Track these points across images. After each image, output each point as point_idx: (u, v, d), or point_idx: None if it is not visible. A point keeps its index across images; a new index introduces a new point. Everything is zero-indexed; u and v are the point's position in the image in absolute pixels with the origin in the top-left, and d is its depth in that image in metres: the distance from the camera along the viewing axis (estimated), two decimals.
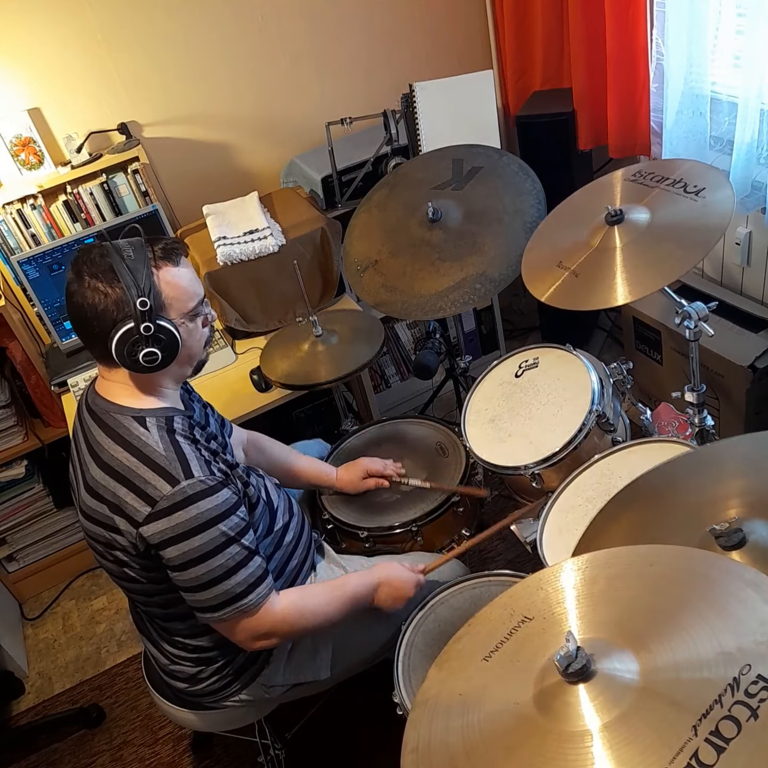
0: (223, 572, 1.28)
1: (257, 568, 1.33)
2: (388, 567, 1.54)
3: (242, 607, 1.31)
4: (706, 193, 1.52)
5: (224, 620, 1.33)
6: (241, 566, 1.30)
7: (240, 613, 1.32)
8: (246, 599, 1.31)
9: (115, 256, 1.26)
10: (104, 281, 1.25)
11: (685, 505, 1.11)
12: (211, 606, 1.31)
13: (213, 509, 1.27)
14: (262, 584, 1.34)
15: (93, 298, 1.25)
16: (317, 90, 2.78)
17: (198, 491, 1.26)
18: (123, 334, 1.26)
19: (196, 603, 1.32)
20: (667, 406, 1.90)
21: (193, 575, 1.28)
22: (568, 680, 0.81)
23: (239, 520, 1.32)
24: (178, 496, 1.24)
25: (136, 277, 1.25)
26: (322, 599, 1.44)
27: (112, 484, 1.28)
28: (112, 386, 1.36)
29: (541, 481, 1.59)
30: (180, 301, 1.32)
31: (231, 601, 1.31)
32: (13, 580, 2.77)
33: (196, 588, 1.29)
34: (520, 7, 2.67)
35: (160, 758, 2.15)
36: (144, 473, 1.26)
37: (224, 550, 1.28)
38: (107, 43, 2.43)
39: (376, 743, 1.99)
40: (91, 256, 1.27)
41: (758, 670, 0.73)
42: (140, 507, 1.25)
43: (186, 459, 1.28)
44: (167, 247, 1.32)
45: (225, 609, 1.31)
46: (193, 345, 1.39)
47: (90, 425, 1.35)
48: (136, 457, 1.27)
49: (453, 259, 1.90)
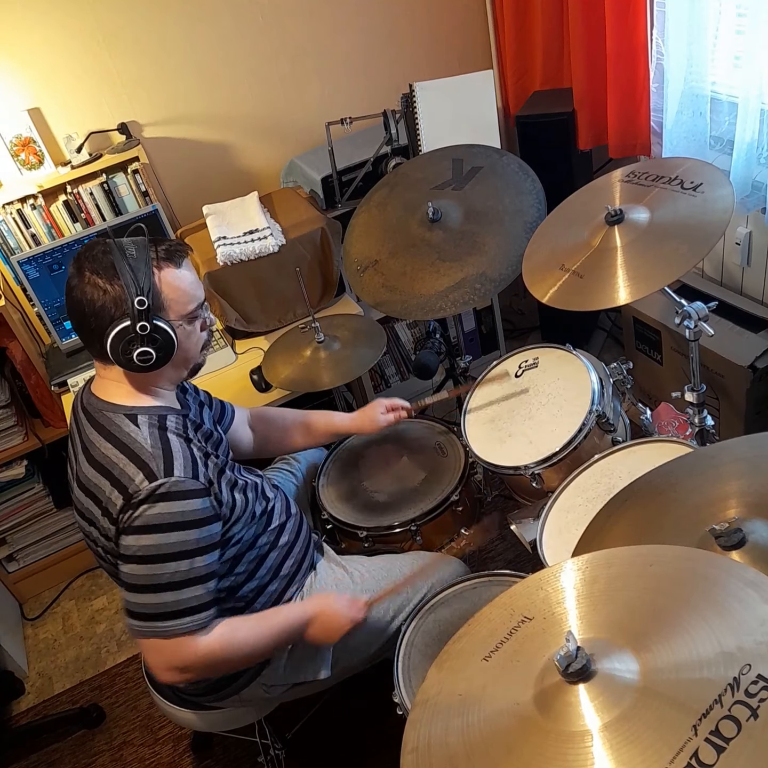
0: (158, 583, 1.24)
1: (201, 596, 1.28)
2: (324, 599, 1.48)
3: (159, 630, 1.25)
4: (704, 188, 1.51)
5: (137, 633, 1.28)
6: (185, 585, 1.25)
7: (160, 634, 1.26)
8: (168, 623, 1.25)
9: (117, 253, 1.26)
10: (104, 278, 1.25)
11: (685, 505, 1.11)
12: (134, 612, 1.27)
13: (181, 514, 1.25)
14: (194, 616, 1.27)
15: (92, 293, 1.25)
16: (317, 90, 2.78)
17: (174, 491, 1.24)
18: (119, 332, 1.26)
19: (126, 602, 1.28)
20: (667, 406, 1.90)
21: (136, 573, 1.25)
22: (568, 680, 0.81)
23: (205, 536, 1.28)
24: (153, 491, 1.23)
25: (136, 276, 1.25)
26: (254, 632, 1.38)
27: (102, 481, 1.28)
28: (108, 384, 1.36)
29: (541, 481, 1.59)
30: (179, 303, 1.32)
31: (153, 617, 1.25)
32: (13, 580, 2.77)
33: (131, 586, 1.26)
34: (520, 7, 2.67)
35: (160, 758, 2.15)
36: (125, 466, 1.25)
37: (176, 560, 1.24)
38: (107, 43, 2.43)
39: (376, 743, 1.99)
40: (94, 253, 1.27)
41: (758, 670, 0.73)
42: (117, 500, 1.24)
43: (171, 456, 1.27)
44: (170, 248, 1.32)
45: (143, 621, 1.26)
46: (190, 348, 1.38)
47: (84, 424, 1.35)
48: (123, 452, 1.27)
49: (453, 259, 1.90)
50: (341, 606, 1.46)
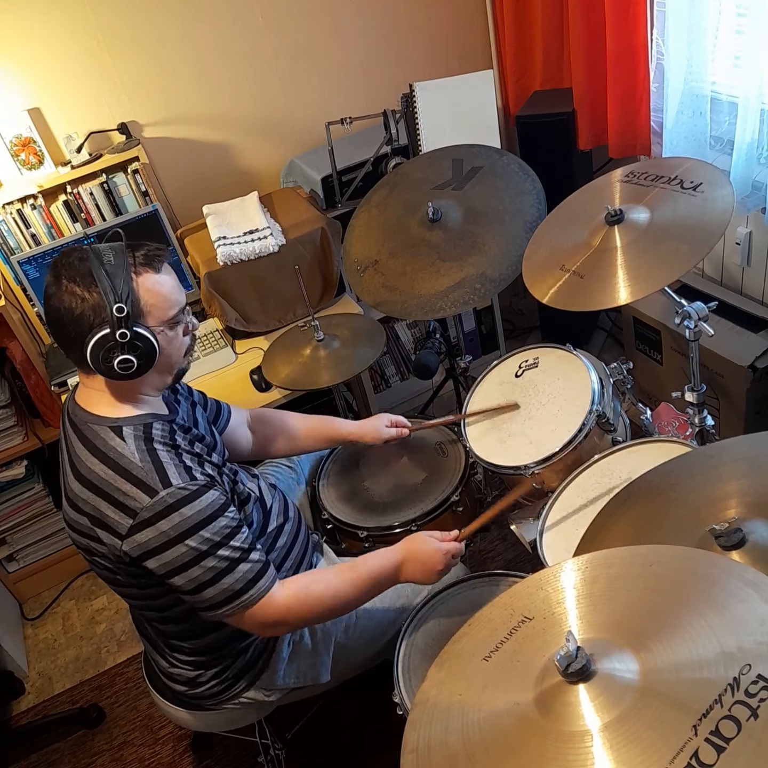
0: (216, 573, 1.27)
1: (256, 563, 1.32)
2: (413, 540, 1.45)
3: (244, 602, 1.30)
4: (704, 188, 1.51)
5: (228, 615, 1.32)
6: (237, 563, 1.29)
7: (242, 608, 1.31)
8: (246, 595, 1.30)
9: (94, 260, 1.24)
10: (82, 285, 1.23)
11: (685, 505, 1.11)
12: (212, 605, 1.30)
13: (197, 514, 1.25)
14: (262, 578, 1.32)
15: (70, 302, 1.23)
16: (317, 90, 2.78)
17: (178, 499, 1.24)
18: (98, 340, 1.23)
19: (196, 603, 1.31)
20: (667, 406, 1.90)
21: (186, 579, 1.26)
22: (568, 680, 0.81)
23: (228, 521, 1.30)
24: (158, 506, 1.23)
25: (114, 282, 1.23)
26: (331, 585, 1.39)
27: (92, 498, 1.26)
28: (91, 393, 1.34)
29: (541, 481, 1.59)
30: (160, 309, 1.29)
31: (231, 598, 1.29)
32: (13, 580, 2.77)
33: (192, 590, 1.28)
34: (520, 7, 2.67)
35: (160, 758, 2.15)
36: (121, 485, 1.24)
37: (211, 554, 1.26)
38: (107, 43, 2.43)
39: (376, 743, 1.99)
40: (71, 260, 1.25)
41: (758, 670, 0.73)
42: (121, 519, 1.24)
43: (163, 467, 1.26)
44: (149, 253, 1.30)
45: (227, 606, 1.30)
46: (173, 353, 1.35)
47: (70, 436, 1.34)
48: (113, 469, 1.25)
49: (453, 259, 1.90)
50: (430, 544, 1.43)
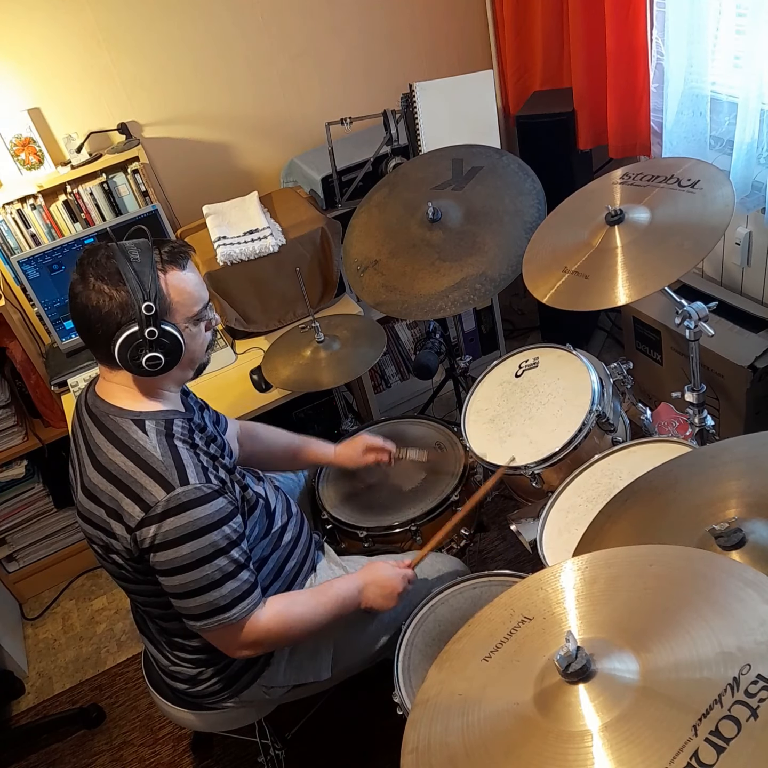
0: (208, 583, 1.27)
1: (244, 582, 1.32)
2: (372, 567, 1.52)
3: (224, 620, 1.30)
4: (702, 185, 1.51)
5: (206, 630, 1.32)
6: (228, 578, 1.29)
7: (222, 625, 1.31)
8: (229, 613, 1.30)
9: (121, 258, 1.25)
10: (110, 284, 1.24)
11: (685, 505, 1.11)
12: (194, 615, 1.30)
13: (205, 518, 1.26)
14: (248, 599, 1.32)
15: (98, 300, 1.24)
16: (317, 90, 2.78)
17: (192, 498, 1.25)
18: (127, 338, 1.25)
19: (181, 609, 1.31)
20: (667, 406, 1.90)
21: (178, 582, 1.27)
22: (568, 680, 0.81)
23: (231, 531, 1.30)
24: (172, 503, 1.23)
25: (142, 280, 1.24)
26: (308, 607, 1.42)
27: (109, 488, 1.27)
28: (113, 388, 1.35)
29: (541, 481, 1.59)
30: (185, 306, 1.31)
31: (213, 612, 1.29)
32: (13, 580, 2.77)
33: (180, 595, 1.29)
34: (520, 7, 2.67)
35: (160, 758, 2.15)
36: (140, 478, 1.25)
37: (212, 561, 1.27)
38: (107, 43, 2.43)
39: (376, 743, 1.99)
40: (97, 258, 1.26)
41: (758, 670, 0.73)
42: (134, 512, 1.24)
43: (183, 465, 1.27)
44: (174, 250, 1.31)
45: (207, 619, 1.30)
46: (196, 349, 1.38)
47: (90, 427, 1.34)
48: (134, 461, 1.27)
49: (453, 259, 1.90)
50: (388, 570, 1.50)
